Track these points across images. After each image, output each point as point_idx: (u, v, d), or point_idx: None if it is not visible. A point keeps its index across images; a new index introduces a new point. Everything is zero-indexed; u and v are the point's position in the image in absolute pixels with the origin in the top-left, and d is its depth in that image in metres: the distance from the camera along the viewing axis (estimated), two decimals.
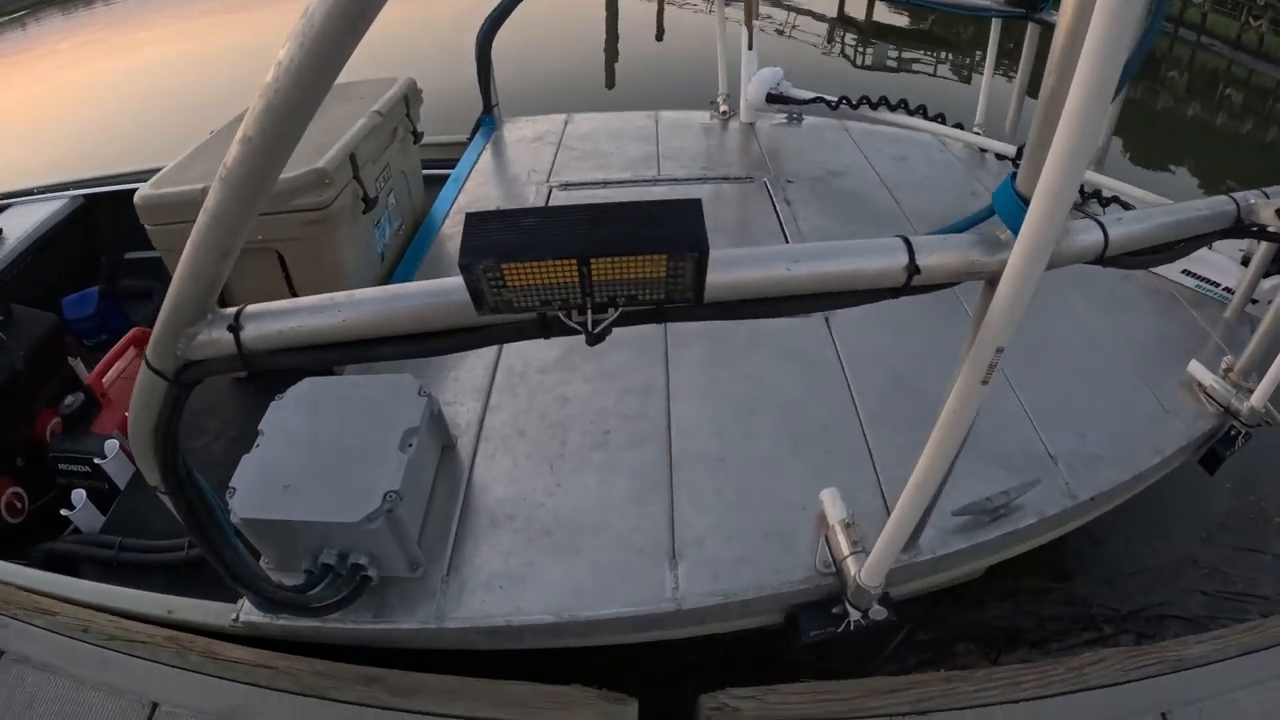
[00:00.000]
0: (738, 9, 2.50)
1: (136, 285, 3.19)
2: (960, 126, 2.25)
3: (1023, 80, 2.24)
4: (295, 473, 1.15)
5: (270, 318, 0.72)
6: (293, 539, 1.13)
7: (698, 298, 0.56)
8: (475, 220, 0.53)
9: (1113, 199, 1.99)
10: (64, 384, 2.19)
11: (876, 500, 1.26)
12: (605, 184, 2.28)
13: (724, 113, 2.65)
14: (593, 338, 0.57)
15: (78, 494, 1.81)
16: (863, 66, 6.63)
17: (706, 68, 2.79)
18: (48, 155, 5.57)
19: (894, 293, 0.74)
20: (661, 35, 7.26)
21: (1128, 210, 1.97)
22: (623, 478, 1.29)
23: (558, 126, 2.70)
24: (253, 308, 0.73)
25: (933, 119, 2.20)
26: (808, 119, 2.58)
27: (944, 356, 0.81)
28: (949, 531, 1.21)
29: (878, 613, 1.13)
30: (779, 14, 7.89)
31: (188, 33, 8.71)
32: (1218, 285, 1.78)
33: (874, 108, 2.24)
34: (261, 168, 0.61)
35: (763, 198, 2.15)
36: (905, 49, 6.87)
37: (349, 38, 0.53)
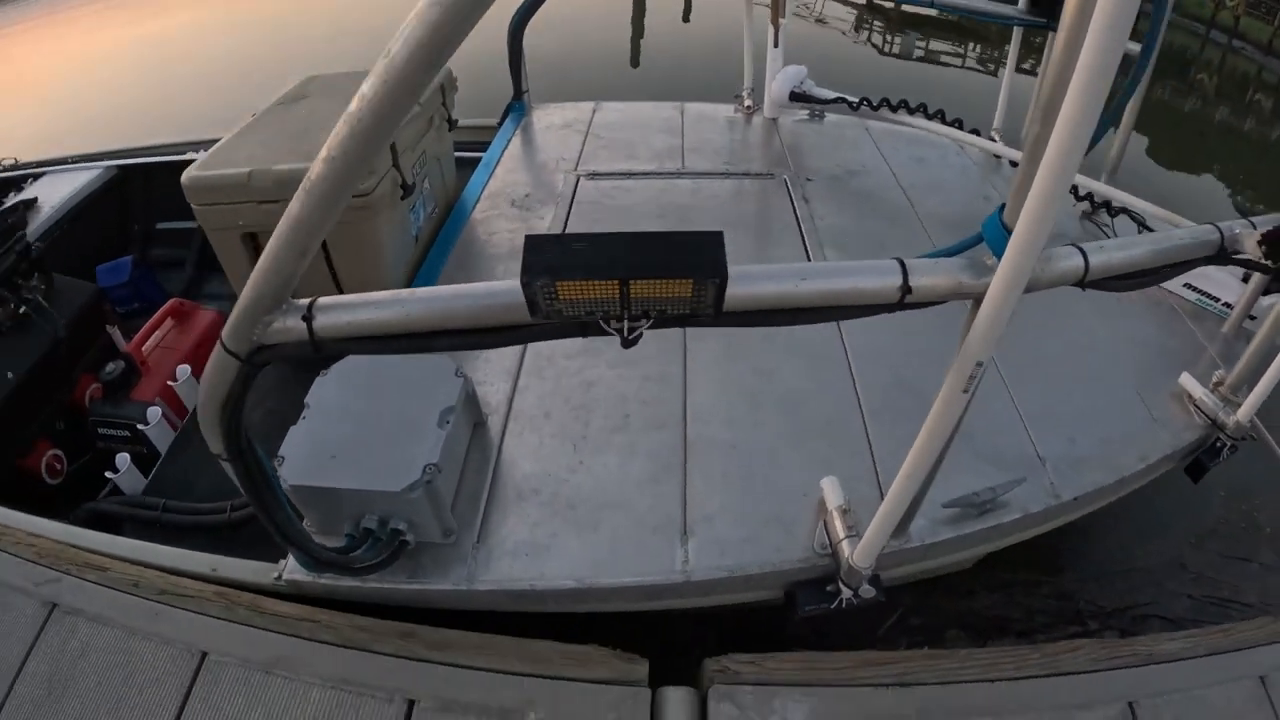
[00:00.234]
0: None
1: (168, 254, 3.34)
2: (976, 133, 2.34)
3: (1040, 85, 2.32)
4: (340, 444, 1.28)
5: (340, 310, 0.82)
6: (337, 504, 1.26)
7: (717, 312, 0.68)
8: (533, 242, 0.65)
9: (1121, 210, 2.07)
10: (102, 351, 2.33)
11: (873, 490, 1.38)
12: (630, 175, 2.39)
13: (748, 107, 2.75)
14: (627, 342, 0.70)
15: (122, 458, 1.95)
16: (890, 55, 6.66)
17: (730, 50, 2.87)
18: (76, 121, 5.73)
19: (889, 309, 0.85)
20: (688, 17, 7.30)
21: (1135, 220, 2.08)
22: (640, 459, 1.42)
23: (586, 115, 2.80)
24: (324, 300, 0.83)
25: (950, 123, 2.28)
26: (829, 116, 2.67)
27: (944, 358, 0.91)
28: (938, 522, 1.33)
29: (867, 591, 1.26)
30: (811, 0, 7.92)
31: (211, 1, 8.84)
32: (1218, 300, 1.87)
33: (894, 110, 2.32)
34: (340, 183, 0.71)
35: (782, 195, 2.25)
36: (933, 39, 6.89)
37: (425, 77, 0.63)
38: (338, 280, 1.87)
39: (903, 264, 0.83)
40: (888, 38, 7.00)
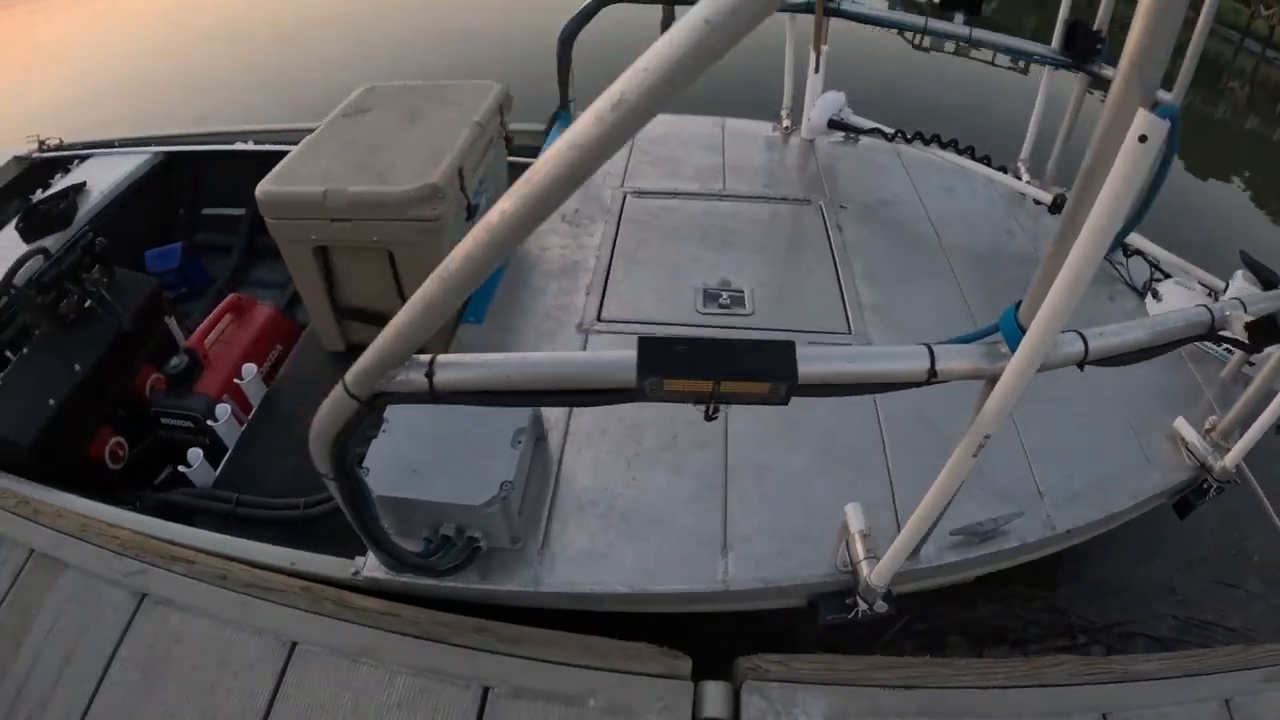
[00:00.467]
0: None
1: (213, 239, 3.55)
2: (1004, 169, 2.52)
3: (1068, 126, 2.49)
4: (420, 458, 1.48)
5: (460, 368, 0.99)
6: (416, 513, 1.46)
7: (785, 400, 0.88)
8: (646, 344, 0.85)
9: (1136, 252, 2.26)
10: (160, 341, 2.52)
11: (890, 515, 1.59)
12: (675, 194, 2.58)
13: (786, 128, 2.93)
14: (708, 418, 0.90)
15: (194, 453, 2.11)
16: (922, 48, 6.75)
17: (767, 51, 3.03)
18: (110, 91, 5.88)
19: (917, 385, 1.05)
20: None
21: (1149, 264, 2.26)
22: (686, 477, 1.63)
23: None
24: (445, 358, 1.00)
25: (979, 160, 2.46)
26: (864, 139, 2.84)
27: (961, 396, 1.07)
28: (945, 547, 1.54)
29: (880, 606, 1.48)
30: None
31: None
32: (1220, 344, 2.05)
33: (926, 144, 2.51)
34: (472, 278, 0.84)
35: (817, 223, 2.44)
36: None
37: (560, 200, 0.78)
38: (403, 295, 2.06)
39: (931, 351, 1.02)
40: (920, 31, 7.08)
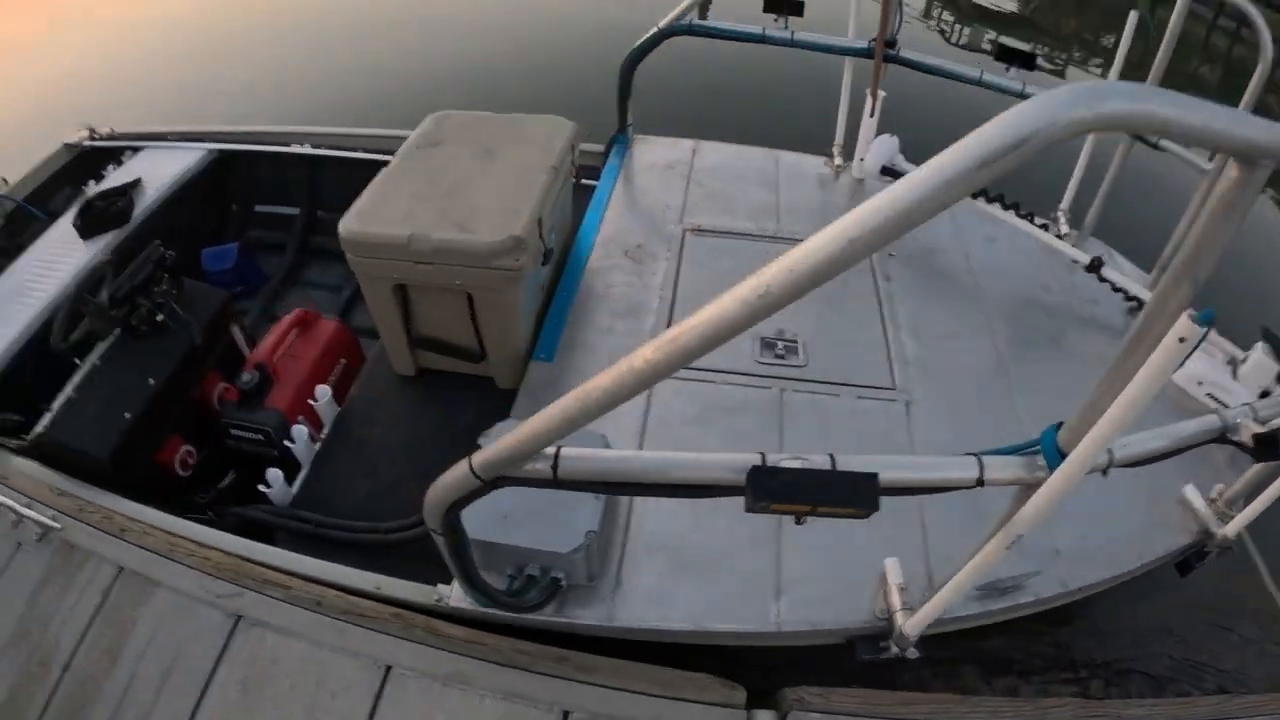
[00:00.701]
0: None
1: (264, 237, 3.76)
2: (1045, 227, 2.74)
3: (1109, 183, 2.68)
4: (511, 505, 1.70)
5: (584, 461, 1.19)
6: (505, 554, 1.71)
7: (867, 516, 1.14)
8: (755, 472, 1.10)
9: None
10: (226, 349, 2.71)
11: (923, 569, 1.86)
12: (732, 234, 2.82)
13: (838, 166, 3.15)
14: (798, 522, 1.16)
15: (274, 473, 2.28)
16: (958, 45, 6.91)
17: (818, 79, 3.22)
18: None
19: (968, 488, 1.30)
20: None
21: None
22: (745, 525, 1.87)
23: (686, 155, 3.21)
24: (570, 451, 1.19)
25: (1024, 216, 2.69)
26: None
27: None
28: (968, 599, 1.80)
29: (912, 653, 1.75)
30: None
31: None
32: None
33: (974, 197, 2.73)
34: (606, 405, 1.04)
35: (866, 272, 2.67)
36: (1003, 34, 7.13)
37: (708, 349, 0.96)
38: (480, 335, 2.30)
39: (980, 463, 1.26)
40: (956, 27, 7.22)
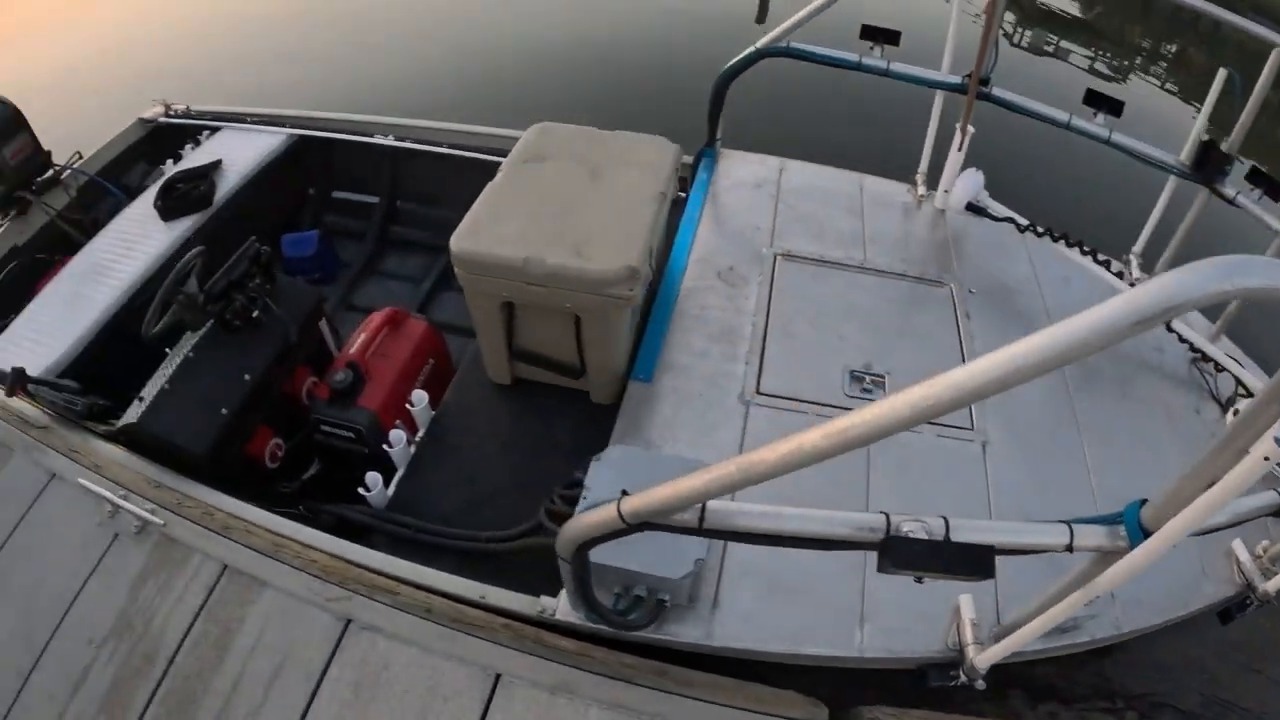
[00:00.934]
0: None
1: (340, 223, 3.94)
2: (1120, 275, 2.94)
3: (1184, 233, 2.86)
4: None
5: (730, 516, 1.43)
6: (614, 575, 1.92)
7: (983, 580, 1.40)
8: (891, 542, 1.36)
9: (1223, 370, 2.75)
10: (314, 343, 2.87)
11: (991, 605, 2.13)
12: (821, 262, 3.03)
13: (920, 196, 3.34)
14: (918, 581, 1.43)
15: (373, 477, 2.44)
16: (1018, 46, 7.07)
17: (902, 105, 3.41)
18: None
19: (1058, 552, 1.56)
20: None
21: (1237, 380, 2.74)
22: (833, 557, 2.13)
23: (773, 174, 3.40)
24: (717, 505, 1.42)
25: (1101, 263, 2.91)
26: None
27: (1069, 500, 1.53)
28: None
29: (980, 685, 2.03)
30: None
31: None
32: None
33: (1055, 240, 2.98)
34: (767, 475, 1.30)
35: (948, 307, 2.87)
36: (1065, 39, 7.30)
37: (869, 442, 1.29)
38: (582, 354, 2.51)
39: (1071, 530, 1.48)
40: (1018, 29, 7.35)
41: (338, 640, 1.99)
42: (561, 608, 2.07)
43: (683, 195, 3.27)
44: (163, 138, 3.81)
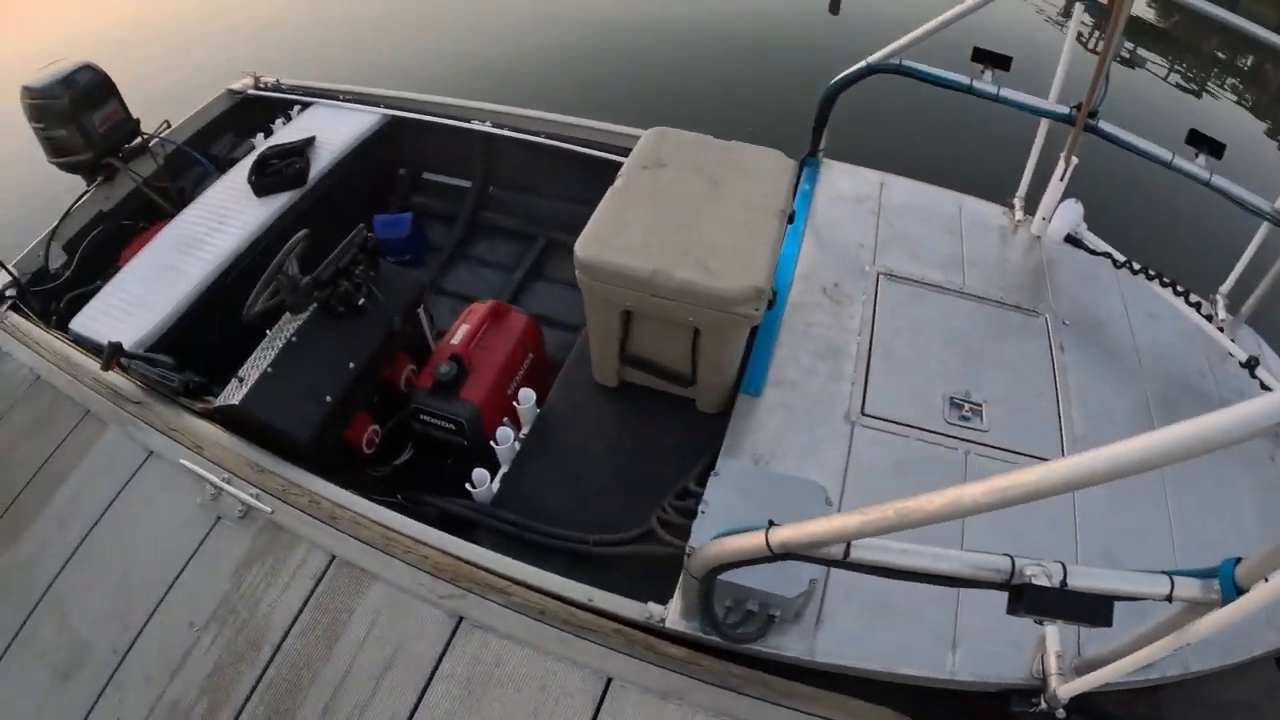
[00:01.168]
0: None
1: (429, 205, 4.05)
2: (1209, 319, 3.08)
3: (1272, 279, 2.96)
4: None
5: (874, 550, 1.61)
6: (728, 590, 2.04)
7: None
8: (1023, 590, 1.58)
9: None
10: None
11: (1073, 638, 2.37)
12: (923, 284, 3.17)
13: (1018, 221, 3.49)
14: (1039, 623, 1.67)
15: (480, 474, 2.56)
16: (1093, 51, 7.14)
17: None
18: None
19: (1158, 601, 1.77)
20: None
21: None
22: None
23: (874, 189, 3.54)
24: (860, 544, 1.63)
25: (1191, 305, 3.05)
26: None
27: (1151, 536, 1.70)
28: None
29: (1061, 713, 2.27)
30: None
31: None
32: None
33: (1150, 279, 3.12)
34: (921, 522, 1.53)
35: (1042, 339, 3.01)
36: (1141, 46, 7.39)
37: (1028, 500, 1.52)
38: (695, 364, 2.64)
39: (1171, 581, 1.60)
40: (1094, 32, 7.42)
41: (449, 637, 2.10)
42: (672, 616, 2.23)
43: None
44: (252, 110, 3.92)
